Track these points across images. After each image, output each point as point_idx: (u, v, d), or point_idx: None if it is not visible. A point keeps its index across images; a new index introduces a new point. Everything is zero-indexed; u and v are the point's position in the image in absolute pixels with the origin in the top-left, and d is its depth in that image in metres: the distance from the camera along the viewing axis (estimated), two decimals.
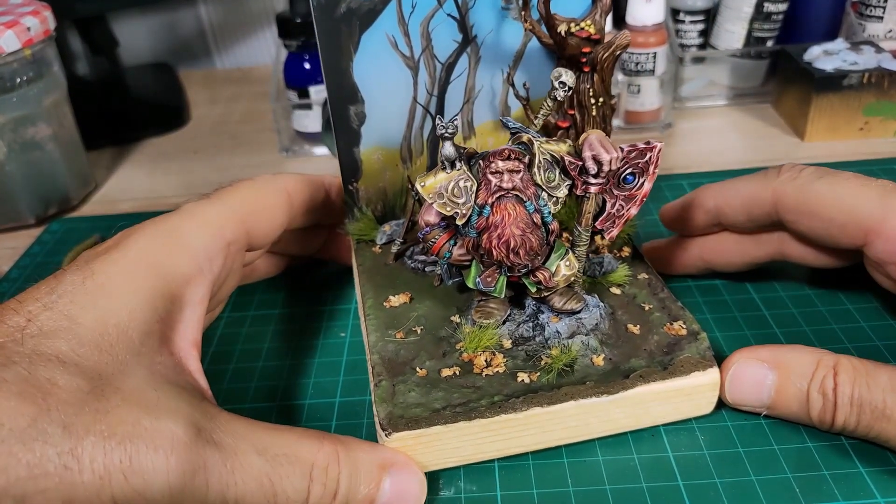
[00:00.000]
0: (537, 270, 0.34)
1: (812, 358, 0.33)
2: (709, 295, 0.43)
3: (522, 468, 0.33)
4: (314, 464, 0.28)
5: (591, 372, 0.33)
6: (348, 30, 0.38)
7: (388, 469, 0.30)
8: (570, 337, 0.34)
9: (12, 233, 0.58)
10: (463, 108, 0.42)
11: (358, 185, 0.43)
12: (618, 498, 0.32)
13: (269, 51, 0.90)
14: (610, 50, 0.37)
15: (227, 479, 0.27)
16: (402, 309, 0.38)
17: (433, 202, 0.33)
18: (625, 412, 0.33)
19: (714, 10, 0.70)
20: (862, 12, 0.67)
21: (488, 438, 0.32)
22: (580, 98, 0.39)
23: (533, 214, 0.32)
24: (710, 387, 0.34)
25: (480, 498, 0.32)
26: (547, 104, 0.36)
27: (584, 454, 0.34)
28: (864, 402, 0.31)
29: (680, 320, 0.35)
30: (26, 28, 0.53)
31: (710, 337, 0.39)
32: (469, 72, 0.41)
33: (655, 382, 0.33)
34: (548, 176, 0.33)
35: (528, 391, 0.32)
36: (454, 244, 0.35)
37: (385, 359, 0.35)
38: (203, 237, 0.32)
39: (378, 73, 0.39)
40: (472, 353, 0.34)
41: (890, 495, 0.31)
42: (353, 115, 0.40)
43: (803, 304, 0.42)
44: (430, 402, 0.32)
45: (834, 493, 0.31)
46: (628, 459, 0.33)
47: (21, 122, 0.55)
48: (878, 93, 0.59)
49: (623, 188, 0.34)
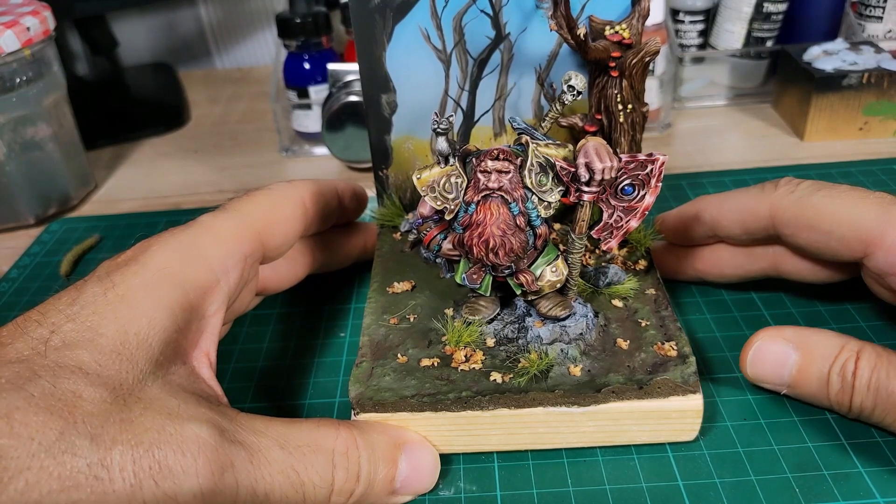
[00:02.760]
0: (521, 273, 0.34)
1: (837, 342, 0.33)
2: (708, 295, 0.43)
3: (522, 468, 0.33)
4: (335, 450, 0.29)
5: (564, 381, 0.33)
6: (382, 20, 0.39)
7: (403, 447, 0.31)
8: (550, 343, 0.34)
9: (12, 233, 0.58)
10: (494, 105, 0.42)
11: (388, 171, 0.44)
12: (618, 498, 0.32)
13: (269, 51, 0.90)
14: (639, 56, 0.37)
15: (254, 474, 0.27)
16: (402, 296, 0.39)
17: (426, 195, 0.33)
18: (597, 426, 0.33)
19: (714, 10, 0.70)
20: (861, 12, 0.67)
21: (454, 432, 0.33)
22: (607, 103, 0.38)
23: (517, 217, 0.32)
24: (692, 413, 0.33)
25: (480, 498, 0.32)
26: (556, 107, 0.36)
27: (584, 454, 0.34)
28: (882, 387, 0.31)
29: (673, 341, 0.34)
30: (26, 28, 0.53)
31: (709, 337, 0.40)
32: (501, 69, 0.41)
33: (629, 401, 0.32)
34: (539, 179, 0.32)
35: (496, 391, 0.32)
36: (444, 238, 0.35)
37: (373, 341, 0.35)
38: (220, 250, 0.32)
39: (410, 64, 0.41)
40: (453, 346, 0.35)
41: (889, 495, 0.31)
42: (385, 103, 0.42)
43: (803, 304, 0.42)
44: (402, 388, 0.33)
45: (833, 493, 0.31)
46: (628, 459, 0.33)
47: (21, 122, 0.55)
48: (877, 93, 0.59)
49: (621, 199, 0.33)
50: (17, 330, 0.28)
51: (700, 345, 0.40)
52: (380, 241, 0.43)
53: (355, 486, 0.30)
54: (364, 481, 0.30)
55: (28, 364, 0.26)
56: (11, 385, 0.25)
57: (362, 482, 0.30)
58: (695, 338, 0.40)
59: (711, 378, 0.37)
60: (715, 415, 0.35)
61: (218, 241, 0.33)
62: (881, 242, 0.34)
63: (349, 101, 0.58)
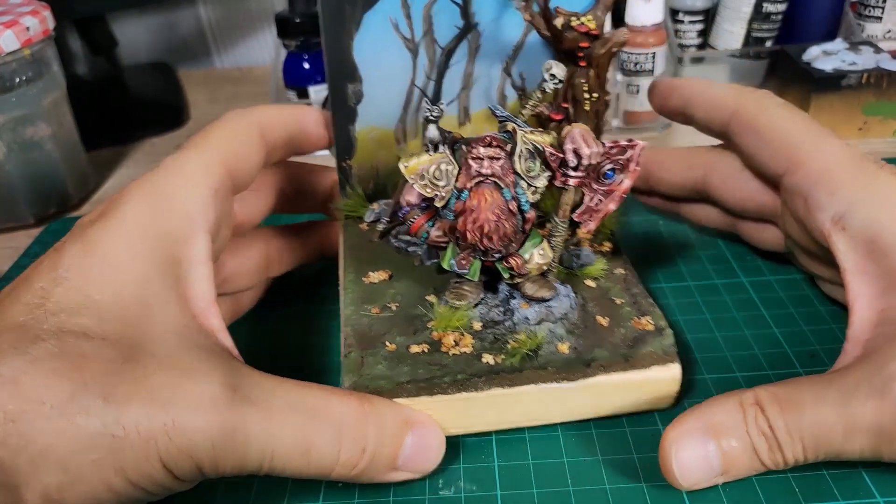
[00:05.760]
0: (511, 256, 0.34)
1: (733, 403, 0.30)
2: (708, 295, 0.43)
3: (522, 468, 0.33)
4: (344, 419, 0.30)
5: (554, 358, 0.34)
6: (351, 8, 0.39)
7: (411, 426, 0.32)
8: (538, 323, 0.35)
9: (12, 232, 0.58)
10: (460, 95, 0.42)
11: (351, 162, 0.43)
12: (618, 498, 0.32)
13: (269, 51, 0.90)
14: (606, 47, 0.38)
15: (265, 433, 0.28)
16: (380, 285, 0.39)
17: (414, 183, 0.34)
18: (585, 400, 0.34)
19: (713, 10, 0.70)
20: (861, 13, 0.68)
21: (450, 414, 0.33)
22: (574, 92, 0.39)
23: (509, 202, 0.33)
24: (671, 382, 0.34)
25: (480, 498, 0.32)
26: (536, 95, 0.37)
27: (584, 454, 0.34)
28: (801, 427, 0.29)
29: (648, 316, 0.36)
30: (26, 28, 0.53)
31: (709, 337, 0.40)
32: (468, 59, 0.41)
33: (616, 373, 0.34)
34: (528, 166, 0.34)
35: (491, 372, 0.33)
36: (432, 225, 0.36)
37: (357, 332, 0.36)
38: (190, 191, 0.32)
39: (378, 53, 0.40)
40: (441, 332, 0.35)
41: (889, 495, 0.31)
42: (351, 93, 0.41)
43: (802, 303, 0.42)
44: (396, 375, 0.33)
45: (833, 493, 0.31)
46: (628, 459, 0.33)
47: (20, 122, 0.55)
48: (876, 93, 0.59)
49: (603, 183, 0.34)
50: (7, 298, 0.28)
51: (699, 345, 0.40)
52: (346, 234, 0.43)
53: (360, 459, 0.30)
54: (368, 455, 0.30)
55: (27, 329, 0.27)
56: (14, 350, 0.26)
57: (367, 456, 0.30)
58: (694, 338, 0.40)
59: (711, 378, 0.37)
60: None
61: (187, 180, 0.33)
62: (804, 164, 0.35)
63: None
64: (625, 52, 0.64)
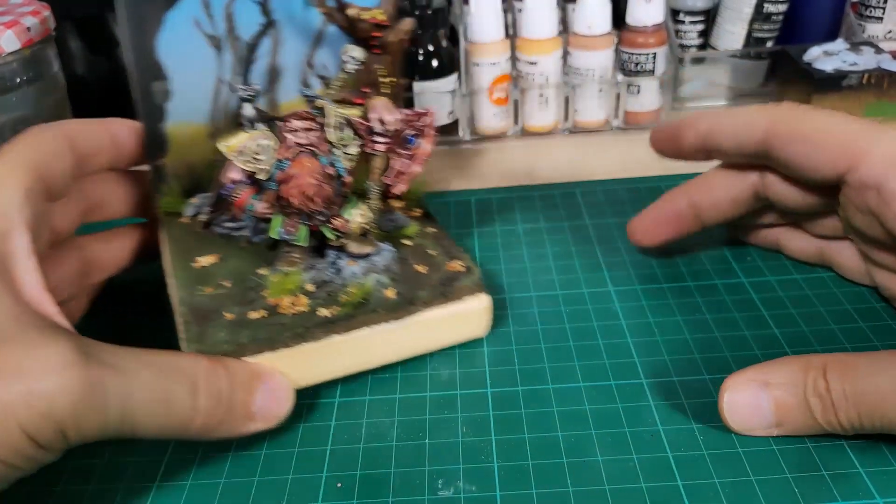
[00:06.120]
0: (334, 218, 0.38)
1: (799, 365, 0.33)
2: (707, 295, 0.43)
3: (522, 468, 0.33)
4: (197, 373, 0.32)
5: (382, 303, 0.38)
6: (153, 7, 0.40)
7: (260, 377, 0.34)
8: (365, 276, 0.39)
9: None
10: (267, 88, 0.44)
11: (165, 160, 0.44)
12: (618, 498, 0.32)
13: None
14: (397, 35, 0.42)
15: (123, 388, 0.29)
16: (210, 268, 0.40)
17: (236, 160, 0.37)
18: (414, 336, 0.39)
19: (714, 10, 0.70)
20: (862, 13, 0.67)
21: (294, 366, 0.36)
22: (372, 77, 0.43)
23: (327, 167, 0.37)
24: (482, 311, 0.40)
25: (480, 498, 0.32)
26: (340, 76, 0.40)
27: (584, 454, 0.34)
28: (858, 392, 0.31)
29: (458, 259, 0.41)
30: (26, 28, 0.53)
31: (709, 338, 0.40)
32: (272, 52, 0.44)
33: (436, 308, 0.38)
34: (340, 136, 0.38)
35: (327, 322, 0.36)
36: (257, 198, 0.38)
37: (193, 310, 0.37)
38: (1, 192, 0.33)
39: (183, 51, 0.41)
40: (277, 297, 0.37)
41: (889, 495, 0.31)
42: (158, 91, 0.42)
43: (802, 304, 0.42)
44: (238, 339, 0.35)
45: (833, 494, 0.31)
46: (627, 459, 0.33)
47: (21, 122, 0.55)
48: (877, 93, 0.59)
49: (407, 148, 0.40)
50: None
51: (699, 345, 0.40)
52: (168, 229, 0.43)
53: (217, 408, 0.32)
54: (225, 404, 0.32)
55: None
56: None
57: (223, 405, 0.32)
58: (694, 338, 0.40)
59: (713, 379, 0.37)
60: (712, 417, 0.35)
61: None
62: (868, 154, 0.35)
63: None
64: (625, 53, 0.64)
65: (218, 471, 0.34)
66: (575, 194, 0.56)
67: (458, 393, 0.38)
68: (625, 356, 0.39)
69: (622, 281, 0.46)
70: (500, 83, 0.64)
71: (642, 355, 0.39)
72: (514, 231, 0.52)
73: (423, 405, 0.37)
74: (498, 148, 0.66)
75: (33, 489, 0.34)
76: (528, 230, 0.52)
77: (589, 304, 0.44)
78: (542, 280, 0.46)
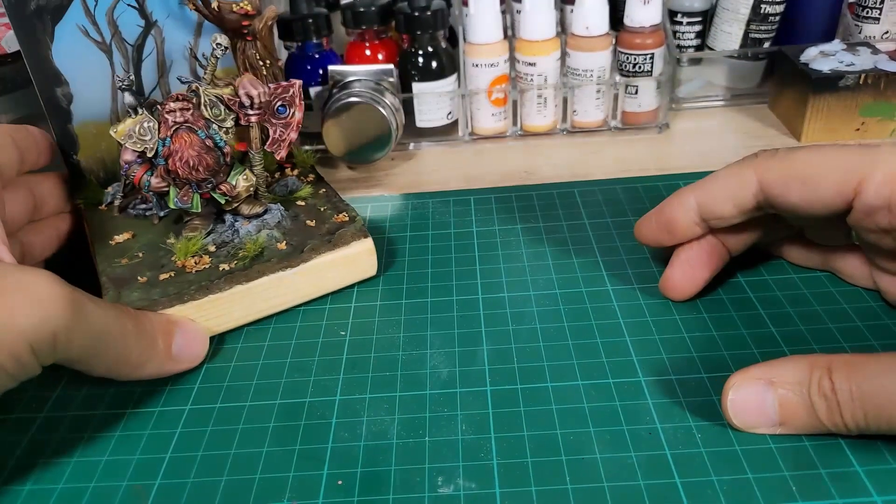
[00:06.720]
0: (220, 185, 0.43)
1: (805, 364, 0.33)
2: (706, 295, 0.44)
3: (521, 466, 0.33)
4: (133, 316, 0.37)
5: (276, 254, 0.43)
6: (41, 23, 0.45)
7: (176, 323, 0.40)
8: (258, 232, 0.45)
9: None
10: (159, 82, 0.50)
11: (78, 157, 0.50)
12: (616, 496, 0.32)
13: None
14: (264, 21, 0.49)
15: (100, 319, 0.34)
16: (125, 243, 0.46)
17: (126, 143, 0.42)
18: (308, 281, 0.44)
19: (711, 11, 0.70)
20: (858, 14, 0.68)
21: (205, 316, 0.41)
22: (250, 62, 0.49)
23: (206, 140, 0.42)
24: (367, 253, 0.45)
25: (480, 496, 0.32)
26: (211, 62, 0.43)
27: (582, 452, 0.34)
28: (864, 393, 0.31)
29: (344, 212, 0.47)
30: None
31: (707, 336, 0.40)
32: (157, 50, 0.50)
33: (325, 254, 0.44)
34: (214, 112, 0.43)
35: (228, 274, 0.42)
36: (151, 174, 0.43)
37: (112, 278, 0.42)
38: None
39: (77, 58, 0.47)
40: (183, 259, 0.43)
41: (887, 493, 0.31)
42: (61, 95, 0.47)
43: (800, 303, 0.42)
44: (150, 295, 0.41)
45: (830, 492, 0.31)
46: (626, 457, 0.34)
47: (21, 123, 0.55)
48: (874, 93, 0.59)
49: (280, 118, 0.45)
50: None
51: (697, 344, 0.40)
52: (89, 217, 0.49)
53: (149, 348, 0.37)
54: (151, 343, 0.38)
55: None
56: None
57: (150, 344, 0.38)
58: (692, 337, 0.40)
59: (710, 378, 0.38)
60: (711, 415, 0.35)
61: None
62: (870, 177, 0.34)
63: (349, 101, 0.58)
64: (623, 53, 0.64)
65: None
66: (573, 194, 0.56)
67: (458, 392, 0.38)
68: (623, 355, 0.40)
69: (620, 280, 0.46)
70: (499, 84, 0.64)
71: (640, 354, 0.40)
72: (513, 231, 0.52)
73: (424, 405, 0.37)
74: (497, 148, 0.66)
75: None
76: (527, 230, 0.52)
77: (587, 302, 0.44)
78: (541, 279, 0.46)
